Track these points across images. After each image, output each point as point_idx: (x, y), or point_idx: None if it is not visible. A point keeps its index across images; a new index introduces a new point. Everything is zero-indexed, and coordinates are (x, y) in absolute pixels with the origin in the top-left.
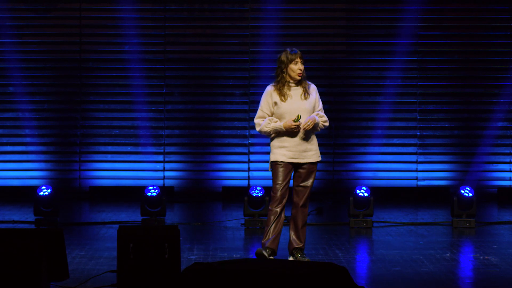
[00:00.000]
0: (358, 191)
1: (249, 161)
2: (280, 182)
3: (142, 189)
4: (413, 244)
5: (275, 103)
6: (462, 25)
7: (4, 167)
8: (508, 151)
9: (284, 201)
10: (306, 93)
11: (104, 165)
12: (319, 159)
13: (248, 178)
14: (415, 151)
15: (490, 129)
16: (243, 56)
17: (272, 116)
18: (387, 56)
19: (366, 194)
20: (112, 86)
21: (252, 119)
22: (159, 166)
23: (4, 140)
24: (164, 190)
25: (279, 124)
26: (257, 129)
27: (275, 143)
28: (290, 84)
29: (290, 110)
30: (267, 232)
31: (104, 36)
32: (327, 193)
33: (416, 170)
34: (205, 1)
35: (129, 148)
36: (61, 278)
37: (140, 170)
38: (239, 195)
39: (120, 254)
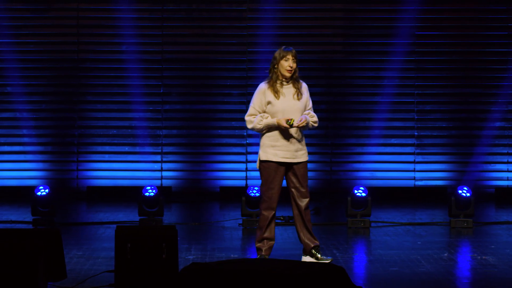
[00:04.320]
0: (355, 191)
1: (246, 161)
2: (273, 185)
3: (140, 189)
4: (411, 244)
5: (269, 102)
6: (459, 25)
7: (2, 167)
8: (505, 151)
9: (276, 204)
10: (299, 93)
11: (102, 165)
12: (307, 158)
13: (246, 178)
14: (412, 151)
15: (487, 129)
16: (241, 56)
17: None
18: (385, 56)
19: (363, 194)
20: (110, 86)
21: None
22: (157, 166)
23: (2, 140)
24: (161, 190)
25: (272, 120)
26: (249, 126)
27: (266, 141)
28: (282, 82)
29: (284, 109)
30: (261, 237)
31: (102, 36)
32: (324, 193)
33: (414, 170)
34: (202, 1)
35: (126, 148)
36: (58, 278)
37: (137, 170)
38: (236, 195)
39: (117, 254)
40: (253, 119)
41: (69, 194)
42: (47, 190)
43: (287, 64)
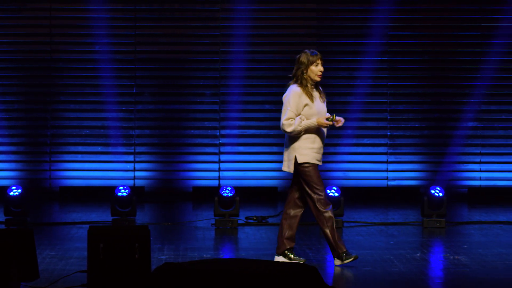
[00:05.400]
0: (328, 191)
1: (219, 161)
2: (320, 183)
3: (113, 189)
4: (384, 244)
5: (306, 104)
6: (432, 25)
7: None
8: (478, 151)
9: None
10: (322, 95)
11: (75, 165)
12: None
13: (219, 178)
14: (385, 151)
15: (460, 129)
16: (214, 56)
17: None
18: (358, 56)
19: (336, 194)
20: (83, 86)
21: (223, 119)
22: (130, 166)
23: None
24: (134, 190)
25: (312, 121)
26: (289, 129)
27: (303, 144)
28: (312, 85)
29: (319, 111)
30: (337, 239)
31: (75, 36)
32: None
33: (387, 170)
34: (175, 1)
35: (99, 148)
36: (31, 278)
37: (110, 170)
38: (209, 195)
39: (90, 254)
40: (292, 122)
41: (42, 194)
42: (19, 190)
43: (317, 69)
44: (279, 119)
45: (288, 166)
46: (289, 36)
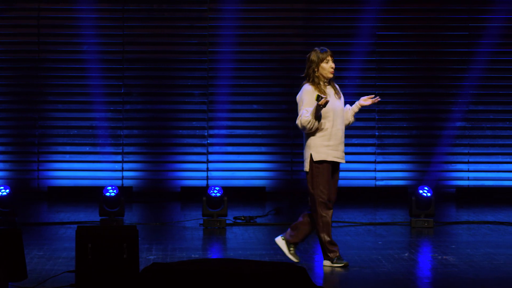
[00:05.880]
0: None
1: (207, 161)
2: (326, 185)
3: (101, 189)
4: (372, 244)
5: None
6: (420, 25)
7: None
8: (466, 151)
9: (331, 205)
10: (338, 92)
11: (63, 165)
12: None
13: (207, 178)
14: (373, 151)
15: (448, 129)
16: (202, 56)
17: None
18: (346, 56)
19: None
20: (71, 86)
21: (211, 119)
22: (118, 166)
23: None
24: (122, 190)
25: (313, 107)
26: (308, 125)
27: (318, 141)
28: (324, 83)
29: (333, 108)
30: (330, 243)
31: (63, 36)
32: (285, 193)
33: (375, 170)
34: (163, 1)
35: (87, 148)
36: (19, 279)
37: (98, 170)
38: (197, 195)
39: (78, 254)
40: (305, 117)
41: (30, 194)
42: (7, 190)
43: (328, 66)
44: (267, 119)
45: (305, 166)
46: (277, 36)
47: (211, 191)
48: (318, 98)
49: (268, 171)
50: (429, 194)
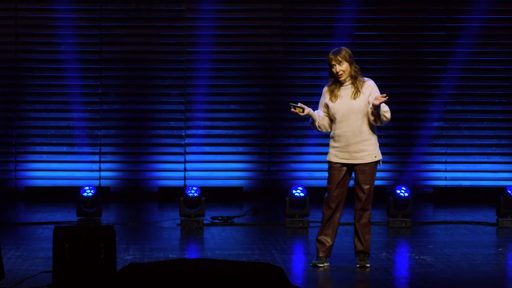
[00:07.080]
0: (294, 191)
1: (185, 161)
2: (330, 185)
3: (78, 189)
4: (349, 244)
5: (326, 105)
6: (398, 25)
7: None
8: (443, 151)
9: (335, 205)
10: (358, 92)
11: (40, 165)
12: (375, 159)
13: (184, 178)
14: None
15: (425, 129)
16: (179, 56)
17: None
18: (324, 56)
19: (302, 194)
20: (48, 86)
21: (189, 119)
22: (95, 166)
23: None
24: (100, 190)
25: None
26: (313, 128)
27: (330, 142)
28: (341, 84)
29: (340, 111)
30: (318, 234)
31: (40, 36)
32: (263, 193)
33: None
34: (141, 1)
35: (65, 148)
36: None
37: (76, 170)
38: (175, 195)
39: (55, 254)
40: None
41: (7, 194)
42: None
43: (334, 71)
44: (244, 119)
45: None
46: (255, 36)
47: (189, 191)
48: (290, 107)
49: (245, 171)
50: (406, 194)
